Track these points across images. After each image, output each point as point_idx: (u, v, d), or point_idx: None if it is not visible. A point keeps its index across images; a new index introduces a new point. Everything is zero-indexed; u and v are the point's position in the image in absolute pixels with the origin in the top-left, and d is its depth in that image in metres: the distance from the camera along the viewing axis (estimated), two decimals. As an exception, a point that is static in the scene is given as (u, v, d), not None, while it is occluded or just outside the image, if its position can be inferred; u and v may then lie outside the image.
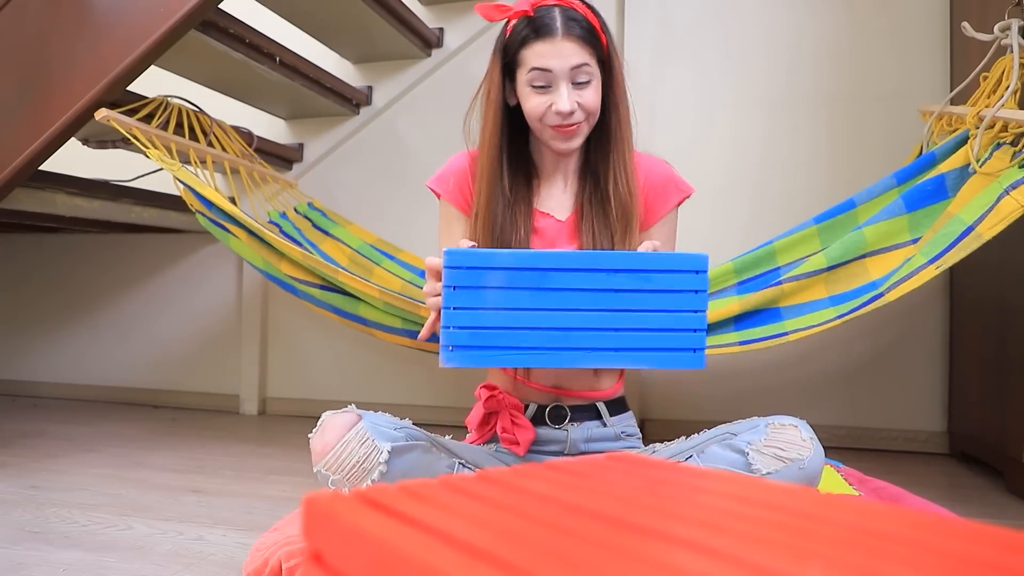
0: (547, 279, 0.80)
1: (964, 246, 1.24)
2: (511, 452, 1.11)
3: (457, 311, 0.80)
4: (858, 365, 1.89)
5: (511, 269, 0.80)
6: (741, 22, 1.99)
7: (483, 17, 1.09)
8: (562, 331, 0.80)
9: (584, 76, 1.05)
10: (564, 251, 0.86)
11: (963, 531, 0.34)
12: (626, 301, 0.80)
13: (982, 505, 1.36)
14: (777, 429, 0.96)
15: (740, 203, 1.97)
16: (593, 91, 1.06)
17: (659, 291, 0.81)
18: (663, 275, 0.81)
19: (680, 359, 0.82)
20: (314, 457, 0.96)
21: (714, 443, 1.00)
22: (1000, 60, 1.38)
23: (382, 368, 2.24)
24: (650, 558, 0.31)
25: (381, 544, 0.33)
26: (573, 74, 1.04)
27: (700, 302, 0.82)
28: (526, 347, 0.80)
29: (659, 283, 0.80)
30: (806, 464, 0.94)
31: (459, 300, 0.80)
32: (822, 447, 0.97)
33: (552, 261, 0.81)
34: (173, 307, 2.50)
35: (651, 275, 0.80)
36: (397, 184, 2.24)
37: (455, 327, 0.80)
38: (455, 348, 0.80)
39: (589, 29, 1.05)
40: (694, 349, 0.82)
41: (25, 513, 1.22)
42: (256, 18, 1.88)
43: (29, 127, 1.53)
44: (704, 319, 0.84)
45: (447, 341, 0.80)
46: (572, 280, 0.80)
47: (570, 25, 1.04)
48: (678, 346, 0.82)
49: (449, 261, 0.80)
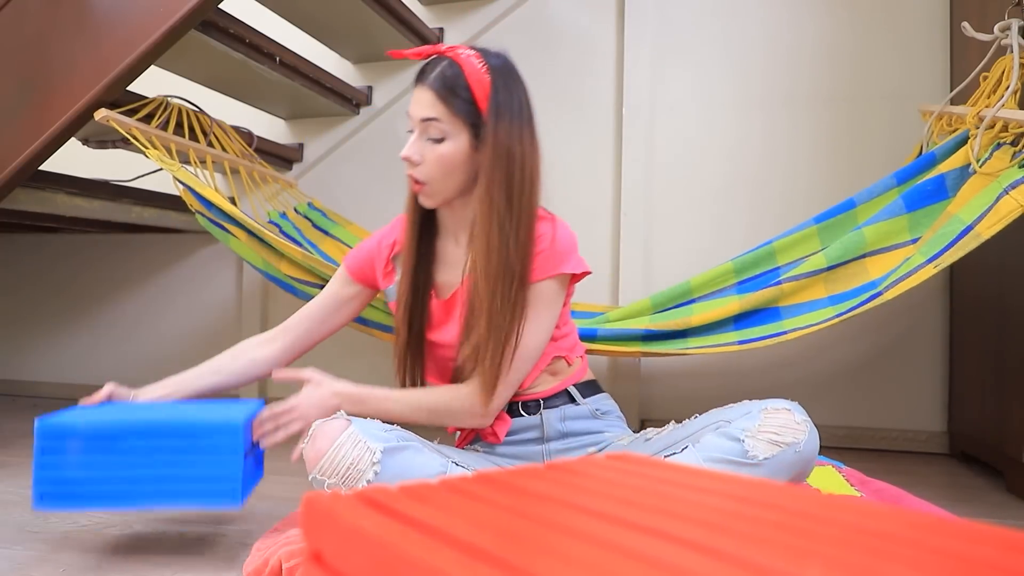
0: (116, 442, 0.98)
1: (963, 245, 1.24)
2: (489, 442, 1.15)
3: (45, 469, 0.96)
4: (858, 365, 1.89)
5: (88, 437, 0.97)
6: (741, 22, 1.99)
7: (393, 57, 1.13)
8: (131, 481, 0.98)
9: (436, 132, 1.05)
10: (127, 421, 0.99)
11: (963, 531, 0.34)
12: (177, 455, 0.99)
13: (982, 505, 1.36)
14: (771, 414, 0.95)
15: (740, 203, 1.97)
16: (444, 151, 1.05)
17: (201, 449, 0.99)
18: (204, 438, 0.99)
19: (220, 500, 0.99)
20: (308, 465, 0.97)
21: (709, 431, 0.99)
22: (1000, 60, 1.38)
23: (382, 368, 2.24)
24: (650, 558, 0.31)
25: (381, 544, 0.33)
26: (423, 127, 1.06)
27: (236, 458, 1.00)
28: (104, 492, 0.97)
29: (202, 442, 0.99)
30: (802, 447, 0.94)
31: (47, 460, 0.97)
32: (816, 431, 0.97)
33: (120, 428, 0.98)
34: (173, 307, 2.50)
35: (194, 438, 0.99)
36: (397, 184, 2.23)
37: (45, 479, 0.96)
38: (43, 496, 0.97)
39: (453, 88, 1.04)
40: (232, 490, 0.99)
41: (25, 513, 1.22)
42: (256, 18, 1.88)
43: (29, 127, 1.53)
44: (238, 470, 0.99)
45: (38, 489, 0.96)
46: (136, 441, 0.98)
47: (435, 78, 1.05)
48: (220, 488, 0.99)
49: (38, 430, 0.97)
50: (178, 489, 0.98)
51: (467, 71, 1.04)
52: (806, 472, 0.97)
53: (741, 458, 0.93)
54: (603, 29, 2.09)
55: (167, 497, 0.98)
